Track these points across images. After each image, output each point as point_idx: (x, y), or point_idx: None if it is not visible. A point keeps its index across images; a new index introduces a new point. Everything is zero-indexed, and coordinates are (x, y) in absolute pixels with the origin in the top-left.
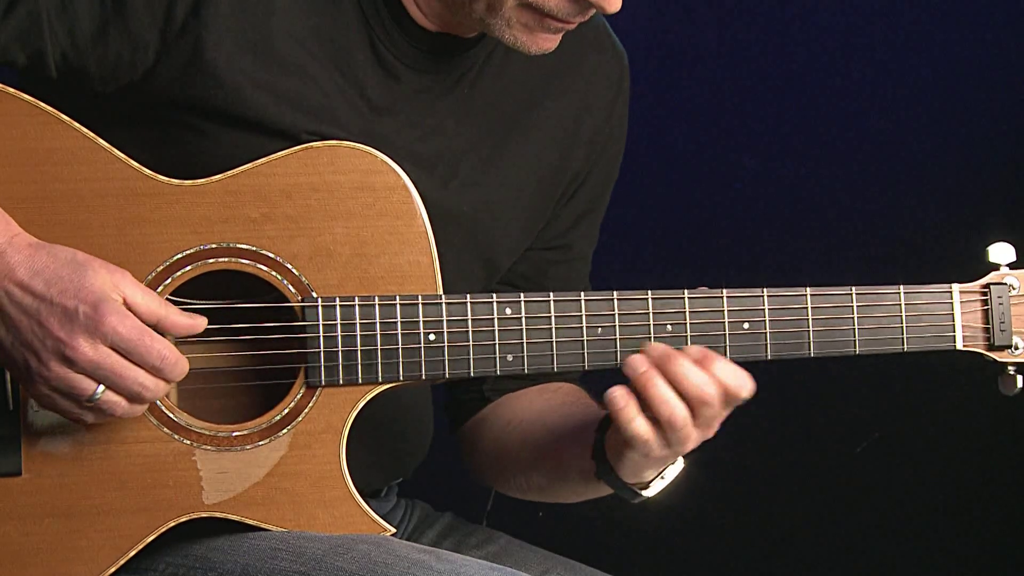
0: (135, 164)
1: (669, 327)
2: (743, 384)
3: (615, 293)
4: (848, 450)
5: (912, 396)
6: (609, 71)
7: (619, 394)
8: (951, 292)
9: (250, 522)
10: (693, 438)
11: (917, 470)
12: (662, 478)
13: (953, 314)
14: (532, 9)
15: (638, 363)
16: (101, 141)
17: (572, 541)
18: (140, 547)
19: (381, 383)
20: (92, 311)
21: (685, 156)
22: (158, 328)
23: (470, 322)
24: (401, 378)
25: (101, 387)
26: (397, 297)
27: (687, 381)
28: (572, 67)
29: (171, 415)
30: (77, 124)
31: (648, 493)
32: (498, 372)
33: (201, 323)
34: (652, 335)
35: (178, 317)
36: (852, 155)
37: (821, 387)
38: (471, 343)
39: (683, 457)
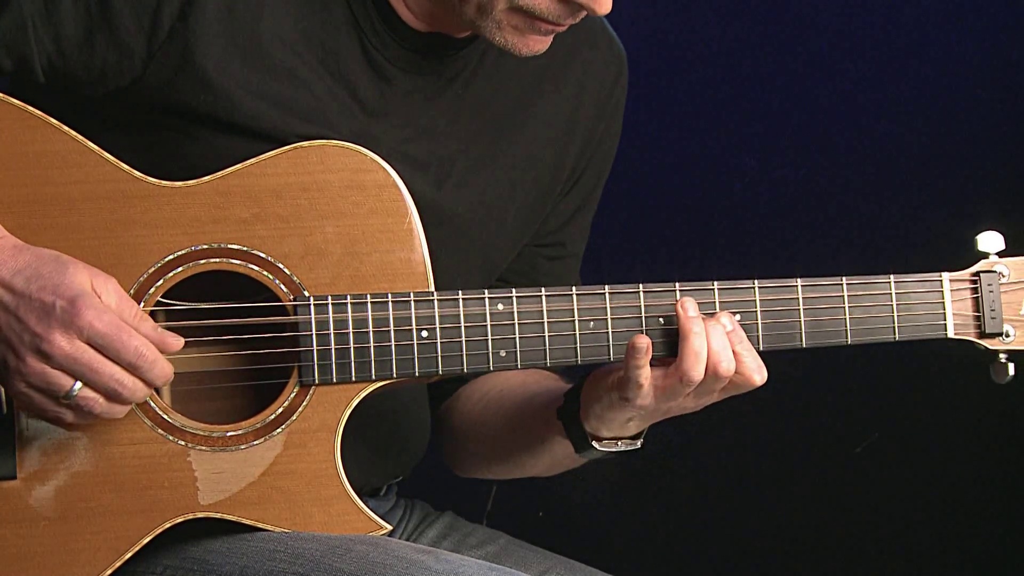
0: (125, 167)
1: (661, 320)
2: (757, 369)
3: (606, 287)
4: (848, 450)
5: (912, 396)
6: (605, 68)
7: (645, 343)
8: (941, 281)
9: (246, 522)
10: (687, 407)
11: (917, 470)
12: (616, 444)
13: (944, 303)
14: (523, 12)
15: (691, 306)
16: (91, 144)
17: (572, 541)
18: (137, 549)
19: (375, 381)
20: (69, 306)
21: (685, 156)
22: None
23: (462, 318)
24: (395, 376)
25: (78, 384)
26: (389, 295)
27: (716, 353)
28: (567, 65)
29: (165, 416)
30: (67, 128)
31: (598, 447)
32: (491, 368)
33: (174, 344)
34: (644, 328)
35: (149, 330)
36: (845, 148)
37: (821, 387)
38: (464, 339)
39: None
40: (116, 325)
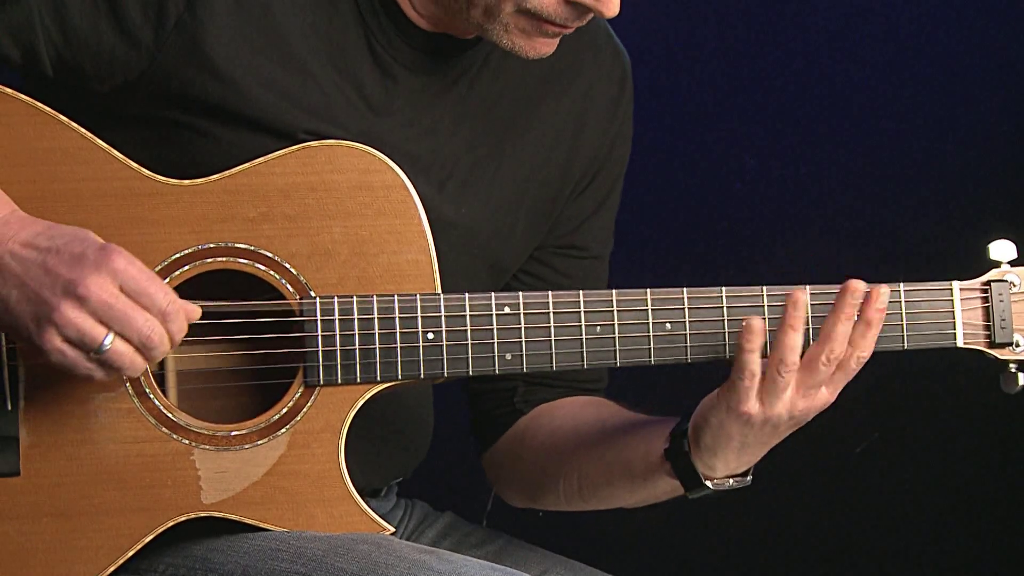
0: (133, 164)
1: (668, 325)
2: (869, 347)
3: (614, 292)
4: (848, 450)
5: (912, 396)
6: (610, 71)
7: (760, 324)
8: (951, 289)
9: (249, 522)
10: (785, 401)
11: (917, 470)
12: (727, 482)
13: (954, 311)
14: (530, 15)
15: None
16: (99, 141)
17: (572, 541)
18: (139, 547)
19: (380, 382)
20: (100, 252)
21: (685, 156)
22: None
23: (468, 320)
24: (400, 377)
25: (110, 336)
26: (395, 296)
27: (842, 336)
28: (571, 68)
29: (169, 414)
30: (75, 124)
31: (710, 486)
32: (497, 371)
33: (194, 312)
34: (651, 333)
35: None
36: (852, 154)
37: None
38: (469, 342)
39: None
40: (147, 272)
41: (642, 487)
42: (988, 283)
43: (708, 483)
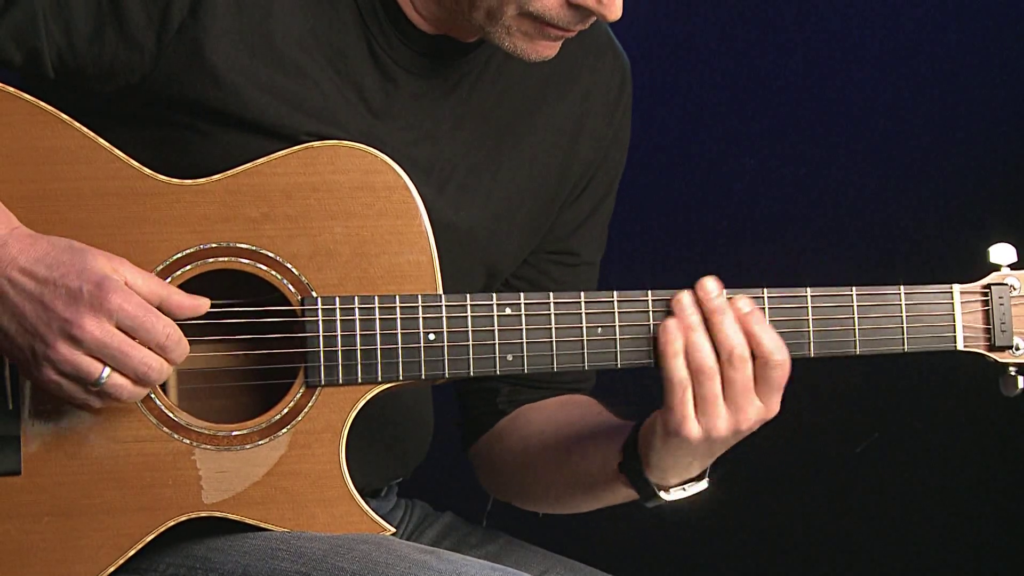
0: (135, 163)
1: None
2: (777, 349)
3: (615, 293)
4: (848, 450)
5: (912, 396)
6: (610, 76)
7: (672, 325)
8: (952, 292)
9: (249, 521)
10: (722, 416)
11: (917, 470)
12: (683, 489)
13: (954, 315)
14: (532, 18)
15: (687, 307)
16: (101, 141)
17: (572, 541)
18: (139, 546)
19: (380, 383)
20: (96, 290)
21: (685, 156)
22: (161, 309)
23: (470, 322)
24: (400, 378)
25: (107, 370)
26: (397, 297)
27: (720, 333)
28: (572, 72)
29: (171, 414)
30: (77, 124)
31: (665, 497)
32: (498, 372)
33: (204, 304)
34: (652, 335)
35: (181, 297)
36: (852, 155)
37: (821, 387)
38: (471, 343)
39: (708, 478)
40: (144, 307)
41: (603, 494)
42: (988, 286)
43: (663, 493)
